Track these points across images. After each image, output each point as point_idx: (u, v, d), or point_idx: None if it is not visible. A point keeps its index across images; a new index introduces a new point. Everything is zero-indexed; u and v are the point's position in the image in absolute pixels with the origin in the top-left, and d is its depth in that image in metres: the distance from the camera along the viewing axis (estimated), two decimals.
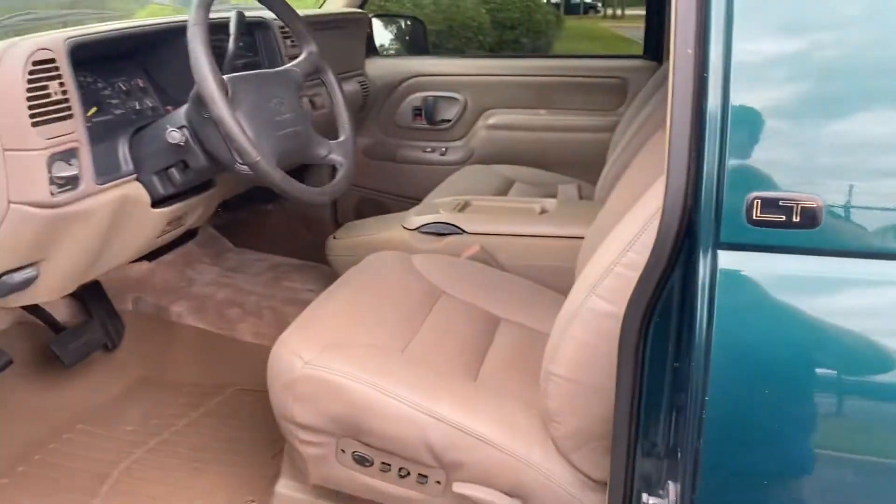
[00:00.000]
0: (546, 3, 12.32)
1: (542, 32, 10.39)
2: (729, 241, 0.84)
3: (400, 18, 3.89)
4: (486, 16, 9.89)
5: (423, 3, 9.36)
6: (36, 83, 1.26)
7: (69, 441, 1.78)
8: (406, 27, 3.79)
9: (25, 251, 1.33)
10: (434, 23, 9.06)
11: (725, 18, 0.83)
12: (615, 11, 17.20)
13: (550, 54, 7.63)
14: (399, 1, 8.72)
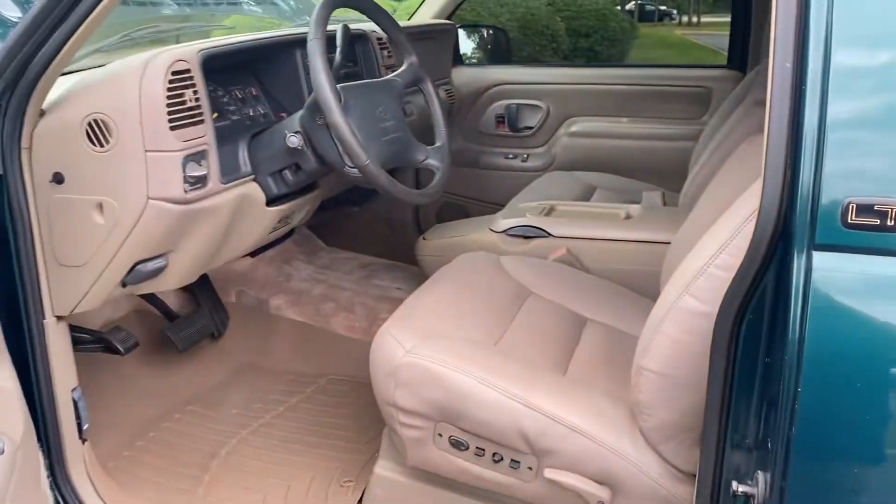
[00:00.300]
0: (620, 10, 12.27)
1: (616, 40, 10.35)
2: (824, 242, 0.89)
3: (484, 28, 3.99)
4: (560, 24, 9.93)
5: (497, 12, 9.46)
6: (174, 91, 1.40)
7: (180, 420, 1.93)
8: (489, 36, 3.89)
9: (158, 243, 1.48)
10: (510, 31, 9.15)
11: (825, 33, 0.89)
12: (690, 19, 16.95)
13: (633, 63, 7.62)
14: (473, 10, 8.83)
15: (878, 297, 0.88)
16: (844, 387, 0.89)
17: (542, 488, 1.38)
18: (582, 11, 10.13)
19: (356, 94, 1.58)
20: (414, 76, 1.78)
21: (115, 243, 1.42)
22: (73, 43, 1.27)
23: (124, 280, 1.49)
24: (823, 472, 0.93)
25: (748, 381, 1.05)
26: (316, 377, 2.12)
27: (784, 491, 0.94)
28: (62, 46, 1.26)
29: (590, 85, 2.98)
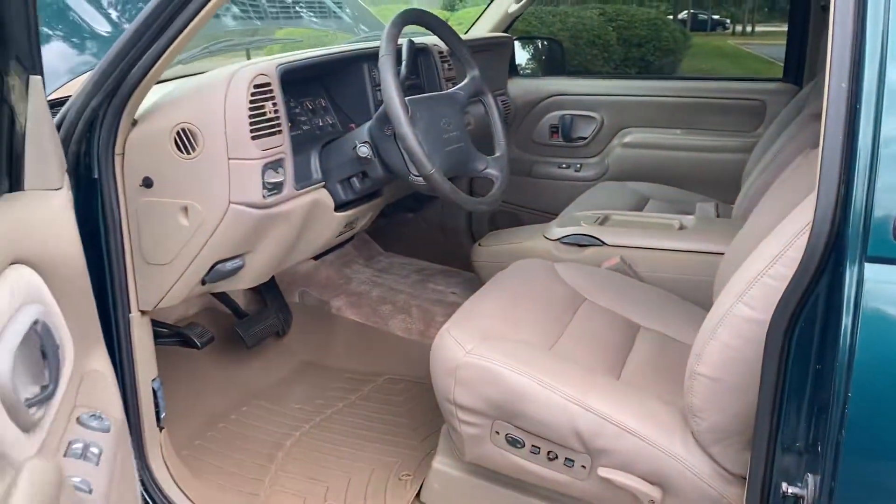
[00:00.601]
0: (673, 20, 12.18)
1: (669, 50, 10.29)
2: (875, 255, 0.94)
3: (540, 40, 4.05)
4: (612, 34, 9.92)
5: (549, 22, 9.51)
6: (255, 103, 1.50)
7: (247, 413, 2.03)
8: (545, 48, 3.95)
9: (237, 244, 1.58)
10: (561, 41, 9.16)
11: (881, 53, 0.93)
12: (744, 28, 16.69)
13: (687, 76, 7.58)
14: (525, 20, 8.89)
15: None
16: (893, 393, 0.93)
17: (596, 487, 1.43)
18: (634, 21, 10.11)
19: (422, 106, 1.67)
20: (476, 89, 1.86)
21: (197, 244, 1.53)
22: (164, 59, 1.38)
23: (204, 278, 1.60)
24: (872, 474, 0.97)
25: (799, 386, 1.09)
26: (373, 376, 2.21)
27: (833, 492, 0.98)
28: (155, 62, 1.37)
29: (644, 97, 3.02)
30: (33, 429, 0.93)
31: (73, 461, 0.97)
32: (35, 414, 0.92)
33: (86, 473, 0.96)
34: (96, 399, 1.14)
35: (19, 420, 0.88)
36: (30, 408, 0.91)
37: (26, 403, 0.90)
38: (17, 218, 1.04)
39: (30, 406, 0.91)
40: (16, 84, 1.09)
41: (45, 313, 0.99)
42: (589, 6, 10.19)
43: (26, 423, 0.90)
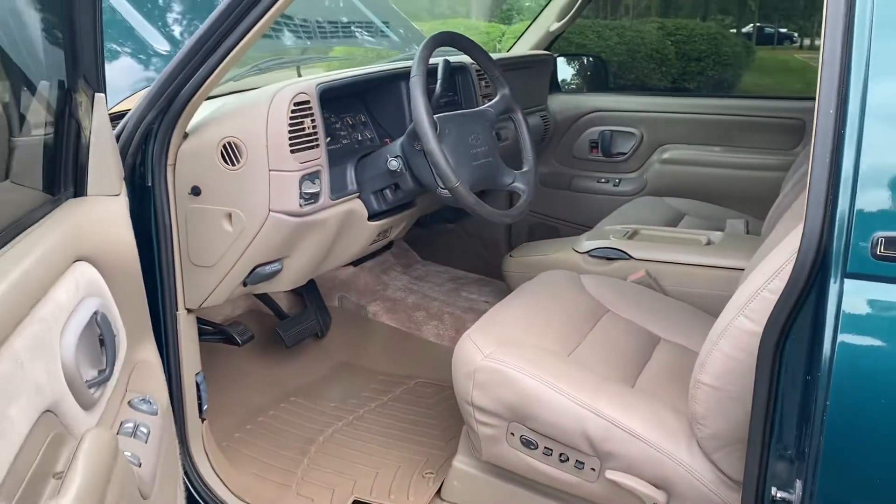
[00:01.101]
0: (736, 34, 12.01)
1: (729, 65, 10.17)
2: (855, 271, 0.99)
3: (583, 57, 4.11)
4: (671, 48, 9.86)
5: (606, 35, 9.51)
6: (295, 119, 1.62)
7: (284, 409, 2.15)
8: (588, 64, 4.01)
9: (276, 249, 1.70)
10: (617, 55, 9.16)
11: (863, 86, 0.99)
12: (812, 42, 16.31)
13: (727, 94, 7.51)
14: (582, 33, 8.91)
15: None
16: (868, 402, 0.98)
17: (604, 489, 1.50)
18: (693, 35, 10.02)
19: (451, 122, 1.76)
20: (506, 106, 1.95)
21: (239, 248, 1.65)
22: (213, 78, 1.50)
23: (245, 280, 1.72)
24: (848, 480, 1.02)
25: (790, 395, 1.14)
26: (406, 378, 2.31)
27: (813, 496, 1.04)
28: (204, 82, 1.50)
29: (684, 114, 3.05)
30: (92, 407, 1.05)
31: (125, 438, 1.09)
32: (94, 394, 1.05)
33: (135, 449, 1.07)
34: (145, 386, 1.26)
35: (81, 398, 1.00)
36: (90, 388, 1.03)
37: (87, 384, 1.02)
38: (80, 220, 1.17)
39: (90, 387, 1.03)
40: (83, 101, 1.23)
41: (104, 306, 1.11)
42: (648, 20, 10.16)
43: (87, 402, 1.02)
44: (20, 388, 0.83)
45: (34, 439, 0.84)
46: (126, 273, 1.25)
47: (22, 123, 1.28)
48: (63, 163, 1.22)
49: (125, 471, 0.92)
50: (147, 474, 1.05)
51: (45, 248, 1.00)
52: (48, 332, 0.92)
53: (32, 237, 1.01)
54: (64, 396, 0.94)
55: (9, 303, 0.85)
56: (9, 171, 1.27)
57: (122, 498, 0.87)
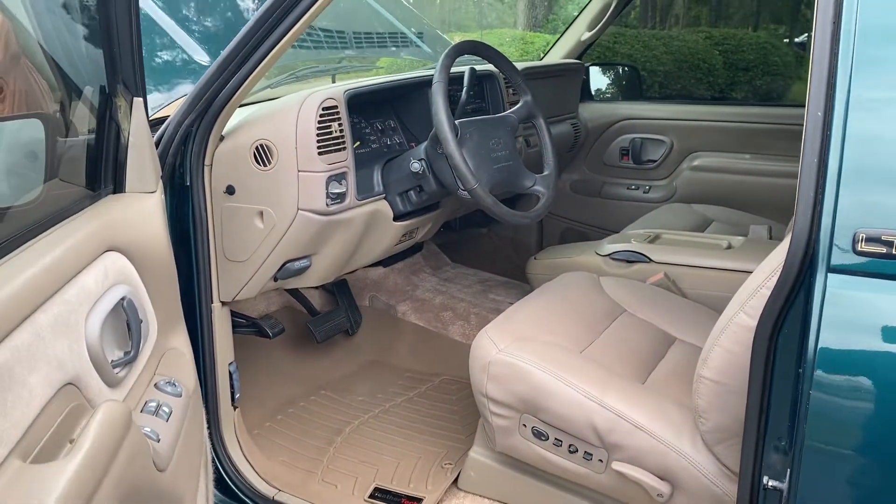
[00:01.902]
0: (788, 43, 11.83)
1: (778, 74, 10.03)
2: (838, 266, 1.03)
3: (618, 66, 4.15)
4: (718, 57, 9.78)
5: (652, 45, 9.49)
6: (323, 123, 1.72)
7: (314, 401, 2.25)
8: (623, 73, 4.06)
9: (304, 246, 1.80)
10: (663, 64, 9.14)
11: (849, 90, 1.04)
12: None
13: (757, 102, 7.43)
14: (628, 42, 8.91)
15: (881, 314, 1.01)
16: (847, 392, 1.02)
17: (611, 480, 1.55)
18: (742, 45, 9.93)
19: (472, 127, 1.84)
20: (528, 112, 2.02)
21: (270, 244, 1.75)
22: (247, 85, 1.61)
23: (276, 275, 1.82)
24: (829, 468, 1.06)
25: (783, 388, 1.19)
26: (431, 376, 2.39)
27: (798, 483, 1.08)
28: (238, 87, 1.61)
29: (714, 121, 3.08)
30: (117, 385, 1.15)
31: (147, 416, 1.19)
32: (119, 373, 1.15)
33: (155, 426, 1.16)
34: (174, 371, 1.35)
35: (104, 375, 1.10)
36: (114, 368, 1.13)
37: (112, 364, 1.12)
38: (116, 214, 1.27)
39: (115, 366, 1.13)
40: (122, 105, 1.34)
41: (132, 293, 1.21)
42: (695, 30, 10.10)
43: (111, 379, 1.12)
44: (41, 359, 0.92)
45: (53, 407, 0.93)
46: (158, 265, 1.35)
47: (69, 126, 1.41)
48: (104, 162, 1.33)
49: (138, 442, 1.00)
50: (164, 449, 1.13)
51: (78, 238, 1.10)
52: (73, 313, 1.01)
53: (68, 227, 1.11)
54: (87, 373, 1.03)
55: (36, 284, 0.95)
56: (58, 170, 1.39)
57: (133, 465, 0.96)
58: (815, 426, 1.05)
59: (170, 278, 1.42)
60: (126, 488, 0.96)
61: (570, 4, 11.33)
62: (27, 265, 0.97)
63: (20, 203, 1.32)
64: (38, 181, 1.36)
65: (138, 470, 1.00)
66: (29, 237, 1.06)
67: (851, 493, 1.05)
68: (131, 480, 0.97)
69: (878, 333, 1.01)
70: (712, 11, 10.52)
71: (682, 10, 11.02)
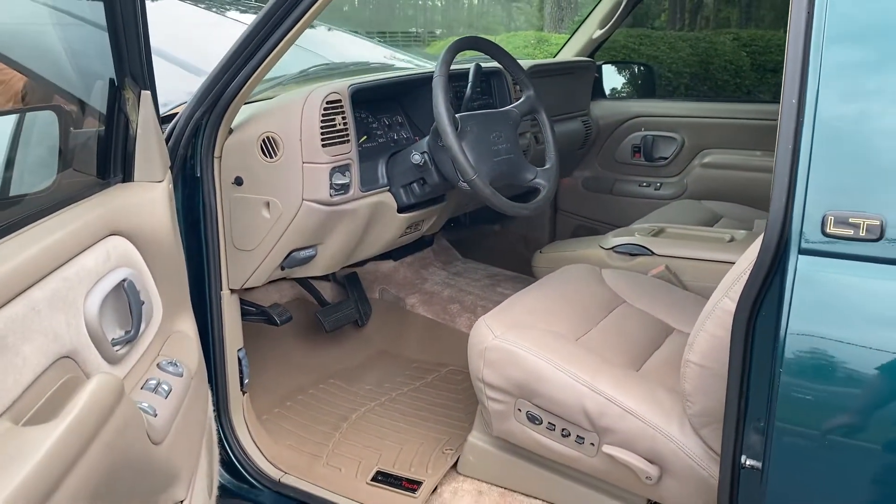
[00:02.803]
0: None
1: None
2: (808, 248, 1.07)
3: (633, 65, 4.17)
4: (746, 59, 9.71)
5: (678, 47, 9.45)
6: (327, 117, 1.78)
7: (323, 389, 2.31)
8: (639, 73, 4.07)
9: (309, 236, 1.86)
10: (689, 65, 9.09)
11: (819, 80, 1.07)
12: None
13: (768, 100, 7.42)
14: (654, 44, 8.88)
15: (848, 295, 1.04)
16: (813, 372, 1.05)
17: (602, 463, 1.58)
18: (770, 46, 9.85)
19: (473, 121, 1.89)
20: (530, 107, 2.06)
21: (276, 233, 1.81)
22: (254, 79, 1.67)
23: (282, 264, 1.88)
24: (798, 447, 1.09)
25: (762, 371, 1.21)
26: (438, 366, 2.44)
27: (769, 462, 1.11)
28: (246, 81, 1.67)
29: (725, 119, 3.09)
30: (117, 363, 1.21)
31: (146, 392, 1.24)
32: (119, 351, 1.21)
33: (153, 402, 1.21)
34: (177, 352, 1.41)
35: (104, 352, 1.16)
36: (114, 345, 1.19)
37: (112, 342, 1.19)
38: (122, 201, 1.34)
39: (114, 344, 1.19)
40: (130, 97, 1.41)
41: (134, 275, 1.27)
42: (722, 32, 10.04)
43: (110, 356, 1.18)
44: (35, 330, 0.98)
45: (48, 377, 1.00)
46: (164, 251, 1.41)
47: (81, 118, 1.48)
48: (113, 152, 1.40)
49: (131, 413, 1.06)
50: (161, 424, 1.19)
51: (81, 222, 1.16)
52: (71, 290, 1.07)
53: (73, 212, 1.18)
54: (85, 347, 1.09)
55: (35, 262, 1.01)
56: (72, 160, 1.47)
57: (125, 435, 1.02)
58: (785, 406, 1.08)
59: (176, 264, 1.48)
60: (117, 456, 1.01)
61: None
62: (28, 244, 1.03)
63: (35, 191, 1.40)
64: (53, 170, 1.43)
65: (130, 440, 1.06)
66: (36, 219, 1.13)
67: (819, 472, 1.08)
68: (122, 449, 1.02)
69: (843, 314, 1.04)
70: (742, 13, 10.44)
71: (711, 12, 10.95)
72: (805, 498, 1.12)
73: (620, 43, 7.96)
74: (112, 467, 1.01)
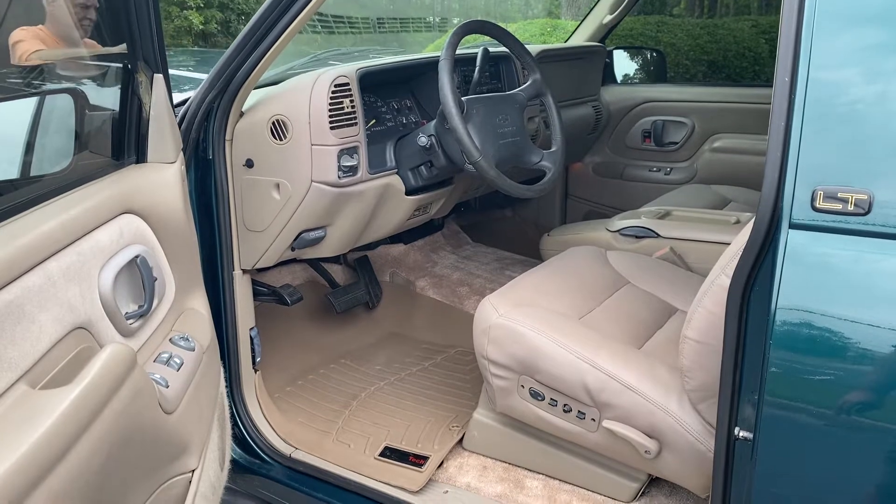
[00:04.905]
0: None
1: None
2: (798, 223, 1.09)
3: (646, 50, 4.16)
4: (764, 46, 9.62)
5: (696, 34, 9.38)
6: (335, 100, 1.81)
7: (333, 369, 2.36)
8: (651, 59, 4.07)
9: (319, 217, 1.90)
10: (708, 53, 9.03)
11: (811, 57, 1.09)
12: None
13: None
14: (671, 31, 8.83)
15: (835, 269, 1.06)
16: (801, 345, 1.08)
17: (603, 438, 1.62)
18: None
19: (479, 104, 1.91)
20: (537, 90, 2.08)
21: (286, 215, 1.86)
22: (265, 61, 1.71)
23: (293, 244, 1.92)
24: (786, 418, 1.11)
25: (756, 344, 1.24)
26: (447, 347, 2.48)
27: (759, 432, 1.14)
28: (257, 64, 1.71)
29: (735, 103, 3.09)
30: (131, 336, 1.26)
31: (158, 365, 1.29)
32: (132, 324, 1.26)
33: (165, 374, 1.26)
34: (189, 328, 1.46)
35: (117, 324, 1.21)
36: (128, 319, 1.24)
37: (126, 315, 1.23)
38: (135, 181, 1.38)
39: (128, 318, 1.24)
40: (143, 80, 1.45)
41: (147, 252, 1.32)
42: (742, 18, 9.95)
43: (124, 329, 1.23)
44: (51, 300, 1.03)
45: (64, 346, 1.04)
46: (176, 230, 1.45)
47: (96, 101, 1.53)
48: (127, 134, 1.45)
49: (143, 382, 1.10)
50: (172, 395, 1.23)
51: (96, 200, 1.21)
52: (85, 264, 1.12)
53: (88, 190, 1.23)
54: (99, 319, 1.14)
55: (52, 236, 1.06)
56: (87, 142, 1.51)
57: (136, 402, 1.07)
58: (774, 378, 1.11)
59: (188, 243, 1.52)
60: (129, 423, 1.06)
61: None
62: (45, 219, 1.08)
63: (53, 172, 1.45)
64: (69, 152, 1.48)
65: (142, 407, 1.11)
66: (52, 196, 1.18)
67: (806, 443, 1.11)
68: (133, 416, 1.07)
69: (830, 288, 1.06)
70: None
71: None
72: (793, 467, 1.14)
73: (638, 31, 7.92)
74: (124, 433, 1.06)
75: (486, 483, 1.80)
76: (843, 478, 1.11)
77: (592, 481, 1.75)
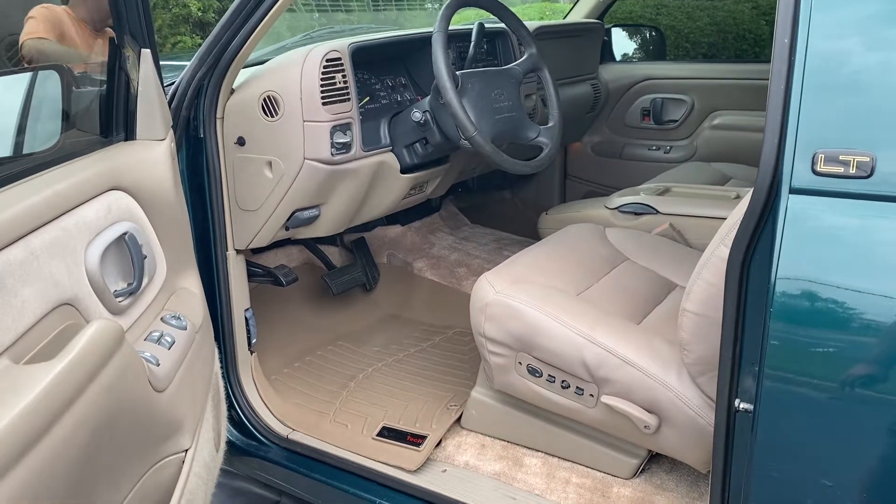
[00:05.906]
0: None
1: None
2: (798, 187, 1.06)
3: (644, 28, 4.12)
4: (765, 27, 9.54)
5: (696, 16, 9.31)
6: (327, 75, 1.78)
7: (331, 351, 2.34)
8: (651, 37, 4.03)
9: (312, 195, 1.87)
10: (707, 35, 8.96)
11: (810, 18, 1.06)
12: None
13: None
14: (671, 13, 8.74)
15: (836, 234, 1.03)
16: (801, 315, 1.06)
17: (602, 414, 1.60)
18: None
19: (475, 78, 1.88)
20: (533, 65, 2.05)
21: (279, 193, 1.83)
22: (254, 37, 1.68)
23: (286, 224, 1.90)
24: (786, 390, 1.09)
25: (756, 314, 1.22)
26: (445, 328, 2.46)
27: (759, 404, 1.12)
28: (247, 39, 1.68)
29: (735, 80, 3.06)
30: (120, 314, 1.24)
31: (149, 344, 1.27)
32: (122, 302, 1.23)
33: (156, 352, 1.24)
34: (181, 307, 1.44)
35: (106, 302, 1.19)
36: (117, 297, 1.22)
37: (114, 293, 1.21)
38: (124, 159, 1.36)
39: (117, 296, 1.22)
40: (130, 55, 1.42)
41: (136, 229, 1.29)
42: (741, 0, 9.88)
43: (113, 307, 1.21)
44: (34, 275, 1.00)
45: (49, 322, 1.02)
46: (166, 207, 1.42)
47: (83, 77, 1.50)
48: (115, 111, 1.42)
49: (132, 360, 1.08)
50: (163, 374, 1.21)
51: (81, 175, 1.18)
52: (71, 239, 1.10)
53: (75, 166, 1.20)
54: (87, 296, 1.12)
55: (35, 211, 1.04)
56: (76, 120, 1.49)
57: (124, 379, 1.04)
58: (774, 348, 1.08)
59: (179, 221, 1.50)
60: (116, 400, 1.03)
61: None
62: (28, 193, 1.06)
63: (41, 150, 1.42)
64: (57, 130, 1.46)
65: (130, 385, 1.08)
66: (37, 171, 1.15)
67: (808, 414, 1.09)
68: (121, 393, 1.05)
69: (831, 254, 1.04)
70: None
71: None
72: (794, 439, 1.12)
73: (637, 13, 7.85)
74: (112, 410, 1.04)
75: (484, 461, 1.79)
76: (845, 449, 1.09)
77: (592, 458, 1.73)
